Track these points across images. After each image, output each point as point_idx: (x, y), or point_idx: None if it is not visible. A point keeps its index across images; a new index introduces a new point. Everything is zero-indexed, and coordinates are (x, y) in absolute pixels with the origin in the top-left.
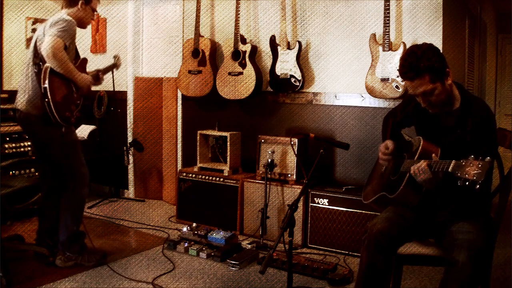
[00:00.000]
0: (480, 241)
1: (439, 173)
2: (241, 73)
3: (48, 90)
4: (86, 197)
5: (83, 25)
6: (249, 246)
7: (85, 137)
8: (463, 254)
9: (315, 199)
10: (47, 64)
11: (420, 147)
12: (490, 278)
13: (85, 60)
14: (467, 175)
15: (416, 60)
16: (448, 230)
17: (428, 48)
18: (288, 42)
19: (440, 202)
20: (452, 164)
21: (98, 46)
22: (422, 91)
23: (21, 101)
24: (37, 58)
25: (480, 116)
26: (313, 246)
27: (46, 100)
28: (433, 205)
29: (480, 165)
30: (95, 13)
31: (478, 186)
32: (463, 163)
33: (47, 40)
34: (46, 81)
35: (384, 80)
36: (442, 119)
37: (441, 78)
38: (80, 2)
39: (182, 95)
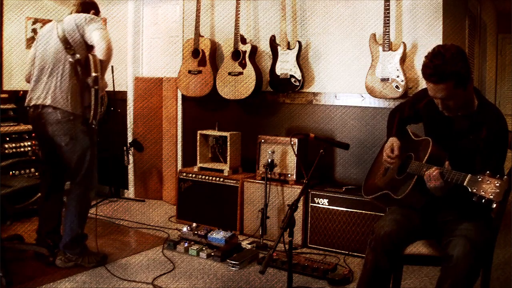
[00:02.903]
0: (476, 236)
1: (451, 183)
2: (241, 73)
3: (99, 78)
4: (92, 199)
5: None
6: (249, 246)
7: None
8: (458, 248)
9: (315, 199)
10: (98, 54)
11: (429, 150)
12: (490, 277)
13: None
14: (483, 192)
15: (443, 64)
16: (448, 229)
17: (456, 51)
18: (288, 42)
19: (443, 204)
20: (467, 178)
21: None
22: (444, 95)
23: (45, 96)
24: (71, 50)
25: (496, 124)
26: (313, 246)
27: (96, 88)
28: (436, 206)
29: (498, 184)
30: None
31: (495, 206)
32: (479, 179)
33: (98, 34)
34: (99, 69)
35: (384, 80)
36: (455, 122)
37: (464, 84)
38: (91, 11)
39: (182, 95)
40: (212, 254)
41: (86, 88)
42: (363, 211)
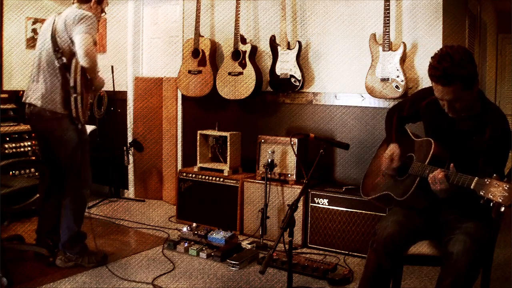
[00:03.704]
0: (476, 234)
1: (456, 186)
2: (241, 73)
3: (79, 85)
4: (88, 198)
5: None
6: (249, 246)
7: None
8: (458, 245)
9: (315, 199)
10: (78, 60)
11: (431, 151)
12: (490, 277)
13: None
14: (491, 196)
15: (452, 66)
16: (449, 228)
17: (464, 53)
18: (288, 42)
19: (445, 204)
20: (475, 181)
21: (98, 46)
22: (452, 97)
23: (35, 96)
24: (59, 53)
25: (499, 126)
26: (313, 246)
27: (75, 95)
28: (437, 207)
29: (507, 188)
30: (103, 14)
31: (503, 209)
32: (487, 182)
33: (79, 38)
34: (78, 76)
35: (384, 80)
36: (458, 123)
37: (471, 86)
38: (93, 0)
39: (182, 95)
40: (212, 254)
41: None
42: (363, 211)
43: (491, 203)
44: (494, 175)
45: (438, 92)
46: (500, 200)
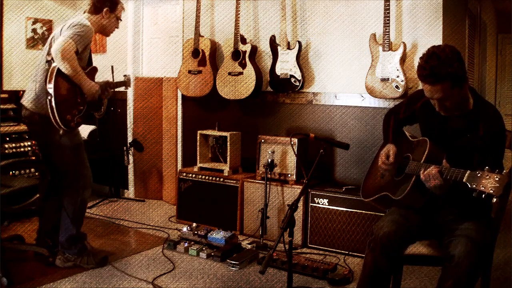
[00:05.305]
0: (477, 236)
1: (450, 181)
2: (241, 73)
3: (52, 89)
4: (88, 199)
5: (106, 33)
6: (249, 246)
7: (85, 137)
8: (459, 248)
9: (315, 199)
10: (55, 64)
11: (427, 150)
12: (490, 277)
13: (94, 69)
14: (483, 188)
15: (439, 65)
16: (448, 229)
17: (451, 52)
18: (288, 42)
19: (443, 204)
20: (467, 174)
21: (98, 46)
22: (441, 96)
23: (27, 99)
24: (50, 56)
25: (492, 122)
26: (313, 246)
27: (49, 98)
28: (436, 206)
29: (497, 179)
30: (119, 21)
31: (495, 200)
32: (479, 174)
33: (59, 40)
34: (52, 80)
35: (384, 80)
36: (452, 121)
37: (460, 84)
38: (104, 9)
39: (182, 95)
40: (212, 254)
41: None
42: (363, 211)
43: (483, 195)
44: (486, 167)
45: (427, 91)
46: (492, 191)
